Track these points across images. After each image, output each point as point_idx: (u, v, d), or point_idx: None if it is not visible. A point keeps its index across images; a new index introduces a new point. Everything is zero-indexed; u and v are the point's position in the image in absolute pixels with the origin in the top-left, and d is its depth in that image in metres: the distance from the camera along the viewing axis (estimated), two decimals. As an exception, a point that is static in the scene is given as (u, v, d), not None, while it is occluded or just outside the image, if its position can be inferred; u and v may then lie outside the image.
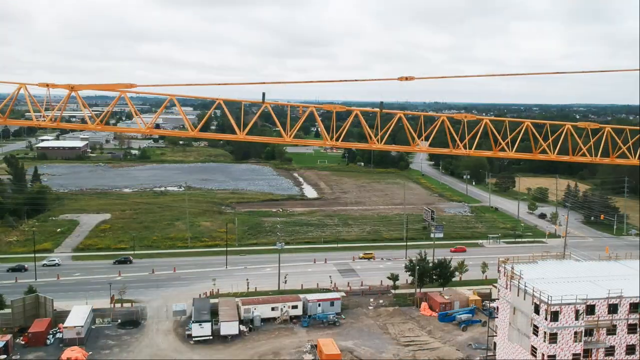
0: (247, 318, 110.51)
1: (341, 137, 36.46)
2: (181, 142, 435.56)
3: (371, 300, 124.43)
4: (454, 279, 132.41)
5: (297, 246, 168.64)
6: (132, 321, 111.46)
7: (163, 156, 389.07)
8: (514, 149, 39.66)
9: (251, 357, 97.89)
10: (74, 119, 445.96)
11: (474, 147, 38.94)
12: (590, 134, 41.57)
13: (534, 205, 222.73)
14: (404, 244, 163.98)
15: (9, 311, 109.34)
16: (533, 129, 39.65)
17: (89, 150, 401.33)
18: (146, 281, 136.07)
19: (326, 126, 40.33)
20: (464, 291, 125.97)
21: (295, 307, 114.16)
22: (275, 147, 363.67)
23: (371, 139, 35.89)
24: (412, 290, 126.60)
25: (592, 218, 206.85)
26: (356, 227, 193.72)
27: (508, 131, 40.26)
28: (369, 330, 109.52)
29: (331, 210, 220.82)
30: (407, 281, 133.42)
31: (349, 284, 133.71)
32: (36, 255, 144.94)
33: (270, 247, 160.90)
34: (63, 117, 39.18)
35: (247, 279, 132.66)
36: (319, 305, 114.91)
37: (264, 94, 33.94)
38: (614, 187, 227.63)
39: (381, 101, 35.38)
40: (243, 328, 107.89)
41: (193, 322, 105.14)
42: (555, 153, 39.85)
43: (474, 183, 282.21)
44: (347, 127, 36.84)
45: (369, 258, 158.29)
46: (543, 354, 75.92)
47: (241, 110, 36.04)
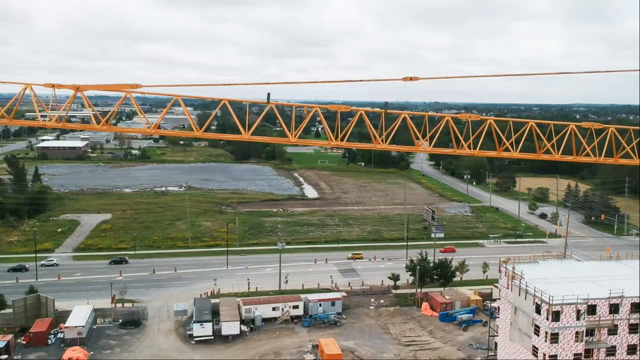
0: (248, 318, 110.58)
1: (346, 137, 36.53)
2: (181, 142, 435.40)
3: (372, 300, 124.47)
4: (454, 279, 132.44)
5: (298, 246, 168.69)
6: (133, 321, 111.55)
7: (163, 156, 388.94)
8: (518, 149, 39.68)
9: (252, 357, 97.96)
10: (74, 119, 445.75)
11: (478, 147, 38.95)
12: (594, 134, 41.62)
13: (534, 205, 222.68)
14: (405, 244, 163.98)
15: (10, 311, 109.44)
16: (537, 129, 39.67)
17: (90, 150, 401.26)
18: (147, 281, 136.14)
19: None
20: (465, 291, 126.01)
21: (296, 307, 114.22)
22: (275, 147, 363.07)
23: (375, 139, 35.91)
24: (413, 290, 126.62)
25: (593, 218, 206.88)
26: (357, 227, 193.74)
27: (512, 131, 40.28)
28: (370, 330, 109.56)
29: (332, 210, 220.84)
30: (408, 281, 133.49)
31: (349, 284, 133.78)
32: (37, 255, 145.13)
33: (271, 247, 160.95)
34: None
35: (248, 279, 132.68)
36: (320, 305, 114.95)
37: (269, 94, 33.98)
38: (615, 187, 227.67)
39: (385, 102, 35.41)
40: (244, 328, 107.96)
41: (194, 322, 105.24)
42: (559, 153, 39.89)
43: (474, 183, 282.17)
44: (351, 128, 36.91)
45: (357, 258, 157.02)
46: (544, 354, 75.98)
47: (246, 111, 36.01)
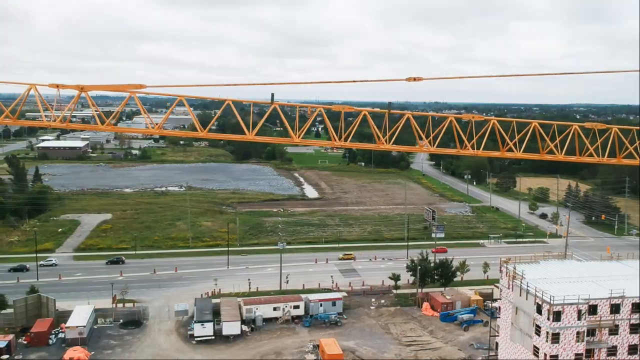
0: (249, 318, 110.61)
1: (350, 137, 36.58)
2: (181, 142, 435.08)
3: (373, 300, 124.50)
4: (455, 279, 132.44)
5: (299, 246, 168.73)
6: (134, 321, 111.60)
7: (164, 156, 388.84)
8: (522, 149, 39.72)
9: (253, 357, 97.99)
10: (74, 119, 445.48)
11: (481, 147, 38.96)
12: (597, 135, 41.67)
13: (534, 205, 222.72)
14: (405, 244, 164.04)
15: (11, 311, 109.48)
16: (540, 129, 39.72)
17: (90, 150, 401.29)
18: (148, 281, 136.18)
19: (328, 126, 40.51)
20: (466, 291, 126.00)
21: (297, 307, 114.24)
22: (275, 147, 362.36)
23: (379, 139, 35.95)
24: (414, 290, 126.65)
25: (593, 218, 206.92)
26: (357, 227, 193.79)
27: (515, 132, 40.33)
28: (370, 330, 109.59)
29: (332, 210, 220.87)
30: (408, 281, 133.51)
31: (350, 284, 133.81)
32: (38, 255, 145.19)
33: (272, 247, 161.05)
34: (64, 117, 39.17)
35: (248, 279, 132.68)
36: (321, 305, 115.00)
37: (273, 94, 33.99)
38: (615, 187, 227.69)
39: (389, 102, 35.40)
40: (245, 328, 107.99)
41: (195, 322, 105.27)
42: (563, 154, 39.95)
43: (474, 183, 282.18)
44: (355, 128, 36.96)
45: (348, 259, 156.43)
46: (545, 354, 76.01)
47: (249, 111, 36.07)
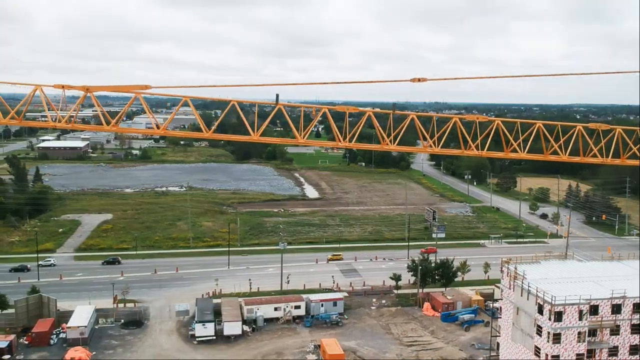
0: (250, 318, 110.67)
1: (354, 137, 36.62)
2: (182, 142, 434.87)
3: (374, 300, 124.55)
4: (456, 279, 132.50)
5: (299, 246, 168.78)
6: (135, 321, 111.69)
7: (164, 156, 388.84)
8: (526, 150, 39.77)
9: (254, 357, 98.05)
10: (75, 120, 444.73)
11: (486, 148, 39.01)
12: (601, 136, 41.74)
13: (535, 205, 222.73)
14: (406, 244, 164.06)
15: (12, 311, 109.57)
16: (544, 130, 39.79)
17: (90, 151, 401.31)
18: (149, 281, 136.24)
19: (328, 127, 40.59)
20: (467, 291, 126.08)
21: (298, 307, 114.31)
22: (276, 147, 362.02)
23: (383, 139, 35.99)
24: (415, 291, 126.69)
25: (594, 218, 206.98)
26: (358, 227, 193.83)
27: (520, 132, 40.39)
28: (371, 331, 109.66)
29: (333, 211, 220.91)
30: (409, 281, 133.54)
31: (351, 284, 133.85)
32: (39, 255, 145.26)
33: (272, 247, 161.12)
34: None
35: (249, 279, 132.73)
36: (322, 306, 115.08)
37: (278, 95, 34.01)
38: (616, 188, 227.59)
39: (394, 103, 35.49)
40: (246, 328, 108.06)
41: (196, 322, 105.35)
42: (567, 154, 40.01)
43: (475, 183, 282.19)
44: (359, 128, 37.05)
45: (337, 260, 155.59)
46: (547, 354, 76.05)
47: (254, 112, 36.09)
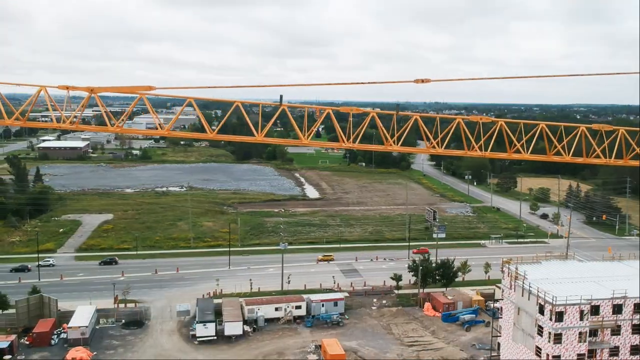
0: (250, 318, 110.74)
1: (359, 138, 36.71)
2: (182, 142, 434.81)
3: (374, 300, 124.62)
4: (456, 280, 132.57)
5: (300, 246, 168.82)
6: (136, 321, 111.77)
7: (164, 156, 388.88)
8: (529, 150, 39.84)
9: (255, 357, 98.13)
10: (75, 120, 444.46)
11: (489, 149, 39.07)
12: (604, 136, 41.85)
13: (535, 205, 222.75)
14: (407, 244, 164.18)
15: (13, 311, 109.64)
16: (548, 131, 39.86)
17: (90, 151, 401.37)
18: (149, 281, 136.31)
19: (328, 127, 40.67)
20: (467, 291, 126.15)
21: (298, 307, 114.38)
22: (276, 147, 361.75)
23: (387, 140, 36.07)
24: (415, 291, 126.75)
25: (594, 218, 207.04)
26: (358, 228, 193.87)
27: (523, 133, 40.48)
28: (372, 331, 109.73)
29: (333, 211, 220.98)
30: (410, 281, 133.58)
31: (352, 284, 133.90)
32: (39, 255, 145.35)
33: (273, 247, 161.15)
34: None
35: (250, 279, 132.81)
36: (323, 306, 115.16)
37: (282, 96, 34.02)
38: (616, 188, 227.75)
39: (397, 103, 35.58)
40: (247, 328, 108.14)
41: (197, 322, 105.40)
42: (570, 155, 40.09)
43: (475, 183, 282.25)
44: (363, 129, 37.13)
45: (327, 260, 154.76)
46: (548, 354, 76.13)
47: (259, 112, 36.18)
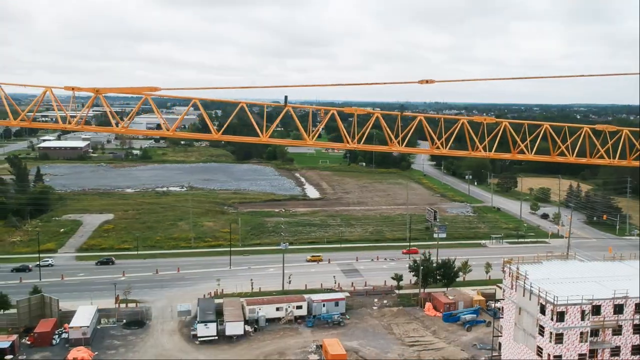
0: (252, 318, 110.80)
1: (363, 139, 36.80)
2: (182, 142, 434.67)
3: (375, 300, 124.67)
4: (457, 279, 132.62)
5: (301, 246, 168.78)
6: (137, 321, 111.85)
7: (164, 156, 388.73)
8: (533, 151, 39.89)
9: (257, 357, 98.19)
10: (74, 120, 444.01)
11: (493, 149, 39.13)
12: (608, 137, 41.93)
13: (536, 205, 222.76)
14: (407, 244, 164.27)
15: (14, 311, 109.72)
16: (552, 131, 39.93)
17: (91, 151, 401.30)
18: (150, 281, 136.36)
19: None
20: (468, 291, 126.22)
21: (299, 307, 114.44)
22: (276, 147, 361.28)
23: (391, 141, 36.16)
24: (416, 291, 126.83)
25: (595, 218, 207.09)
26: (359, 228, 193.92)
27: (527, 134, 40.53)
28: (373, 331, 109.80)
29: (333, 211, 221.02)
30: (410, 281, 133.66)
31: (352, 284, 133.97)
32: (40, 255, 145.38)
33: (274, 247, 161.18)
34: (64, 117, 39.37)
35: (251, 279, 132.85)
36: (324, 306, 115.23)
37: (287, 97, 34.06)
38: (616, 188, 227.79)
39: (402, 104, 35.79)
40: (248, 328, 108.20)
41: (198, 322, 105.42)
42: (574, 155, 40.16)
43: (475, 183, 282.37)
44: (368, 130, 37.22)
45: (316, 261, 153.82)
46: (549, 354, 76.19)
47: (264, 113, 36.18)
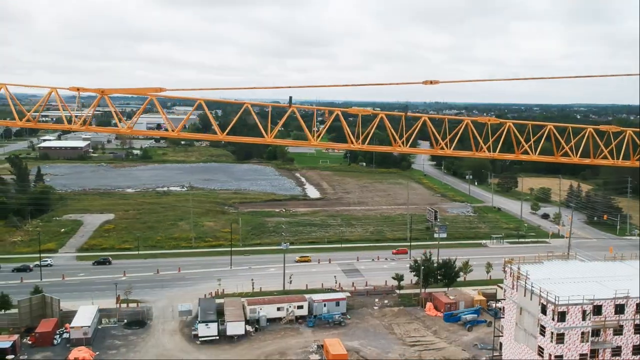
0: (253, 318, 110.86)
1: (367, 139, 36.91)
2: (182, 142, 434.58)
3: (376, 300, 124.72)
4: (458, 279, 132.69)
5: (301, 246, 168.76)
6: (138, 321, 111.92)
7: (165, 156, 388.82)
8: (537, 151, 39.97)
9: (258, 357, 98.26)
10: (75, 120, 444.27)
11: (497, 150, 39.20)
12: (611, 137, 42.01)
13: (536, 205, 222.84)
14: (408, 244, 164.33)
15: (15, 311, 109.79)
16: (556, 132, 40.02)
17: (91, 150, 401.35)
18: (151, 281, 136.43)
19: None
20: (469, 291, 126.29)
21: (300, 307, 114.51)
22: (277, 147, 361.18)
23: (395, 141, 36.27)
24: (417, 291, 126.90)
25: (595, 218, 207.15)
26: (359, 228, 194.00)
27: (531, 134, 40.62)
28: (374, 331, 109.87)
29: (334, 211, 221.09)
30: (411, 281, 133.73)
31: (353, 284, 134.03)
32: (41, 255, 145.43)
33: (274, 247, 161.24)
34: (67, 117, 39.46)
35: (252, 279, 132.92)
36: (325, 306, 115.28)
37: (291, 97, 34.12)
38: (617, 188, 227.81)
39: (406, 105, 35.85)
40: (249, 328, 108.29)
41: (199, 322, 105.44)
42: (578, 156, 40.24)
43: (476, 183, 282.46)
44: (372, 130, 37.33)
45: (305, 261, 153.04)
46: (550, 354, 76.22)
47: (264, 113, 36.29)
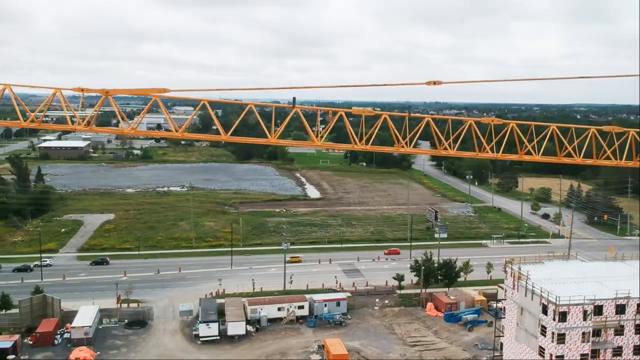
0: (253, 318, 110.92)
1: (371, 140, 36.93)
2: (183, 142, 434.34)
3: (377, 300, 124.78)
4: (459, 279, 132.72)
5: (302, 246, 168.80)
6: (139, 321, 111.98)
7: (165, 156, 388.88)
8: (540, 152, 40.00)
9: (258, 357, 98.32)
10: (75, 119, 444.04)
11: (501, 150, 39.25)
12: (615, 138, 42.05)
13: (537, 205, 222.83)
14: (408, 244, 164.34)
15: (16, 311, 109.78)
16: (559, 132, 40.08)
17: (91, 150, 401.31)
18: (152, 281, 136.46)
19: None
20: (470, 291, 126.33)
21: (301, 307, 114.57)
22: (277, 147, 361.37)
23: (398, 142, 36.32)
24: (418, 291, 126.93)
25: (596, 218, 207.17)
26: (360, 228, 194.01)
27: (534, 135, 40.64)
28: (375, 331, 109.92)
29: (334, 211, 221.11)
30: (412, 281, 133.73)
31: (354, 284, 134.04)
32: (42, 255, 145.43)
33: (275, 247, 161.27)
34: (69, 118, 39.43)
35: (252, 279, 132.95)
36: (325, 306, 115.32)
37: (295, 98, 34.17)
38: (617, 188, 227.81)
39: (409, 105, 35.94)
40: (250, 328, 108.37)
41: (200, 322, 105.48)
42: (581, 156, 40.28)
43: (476, 183, 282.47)
44: (376, 131, 37.39)
45: (296, 262, 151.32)
46: (551, 354, 76.25)
47: (265, 114, 36.35)
